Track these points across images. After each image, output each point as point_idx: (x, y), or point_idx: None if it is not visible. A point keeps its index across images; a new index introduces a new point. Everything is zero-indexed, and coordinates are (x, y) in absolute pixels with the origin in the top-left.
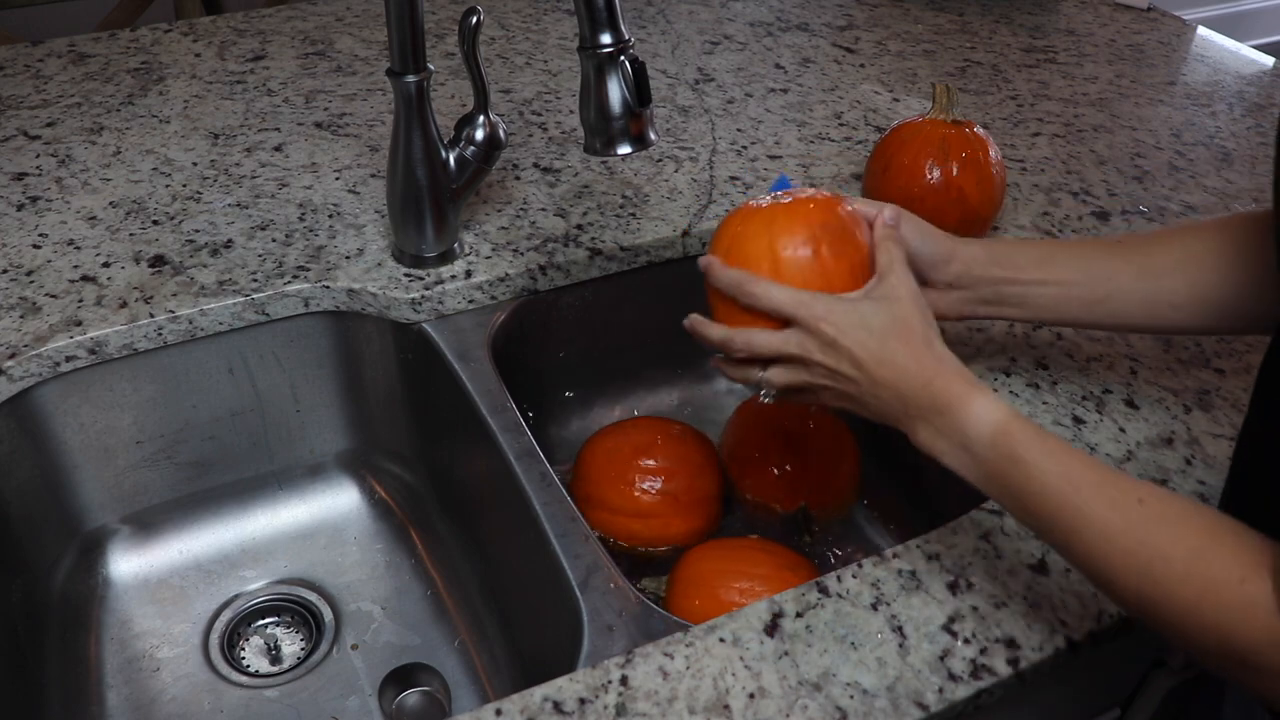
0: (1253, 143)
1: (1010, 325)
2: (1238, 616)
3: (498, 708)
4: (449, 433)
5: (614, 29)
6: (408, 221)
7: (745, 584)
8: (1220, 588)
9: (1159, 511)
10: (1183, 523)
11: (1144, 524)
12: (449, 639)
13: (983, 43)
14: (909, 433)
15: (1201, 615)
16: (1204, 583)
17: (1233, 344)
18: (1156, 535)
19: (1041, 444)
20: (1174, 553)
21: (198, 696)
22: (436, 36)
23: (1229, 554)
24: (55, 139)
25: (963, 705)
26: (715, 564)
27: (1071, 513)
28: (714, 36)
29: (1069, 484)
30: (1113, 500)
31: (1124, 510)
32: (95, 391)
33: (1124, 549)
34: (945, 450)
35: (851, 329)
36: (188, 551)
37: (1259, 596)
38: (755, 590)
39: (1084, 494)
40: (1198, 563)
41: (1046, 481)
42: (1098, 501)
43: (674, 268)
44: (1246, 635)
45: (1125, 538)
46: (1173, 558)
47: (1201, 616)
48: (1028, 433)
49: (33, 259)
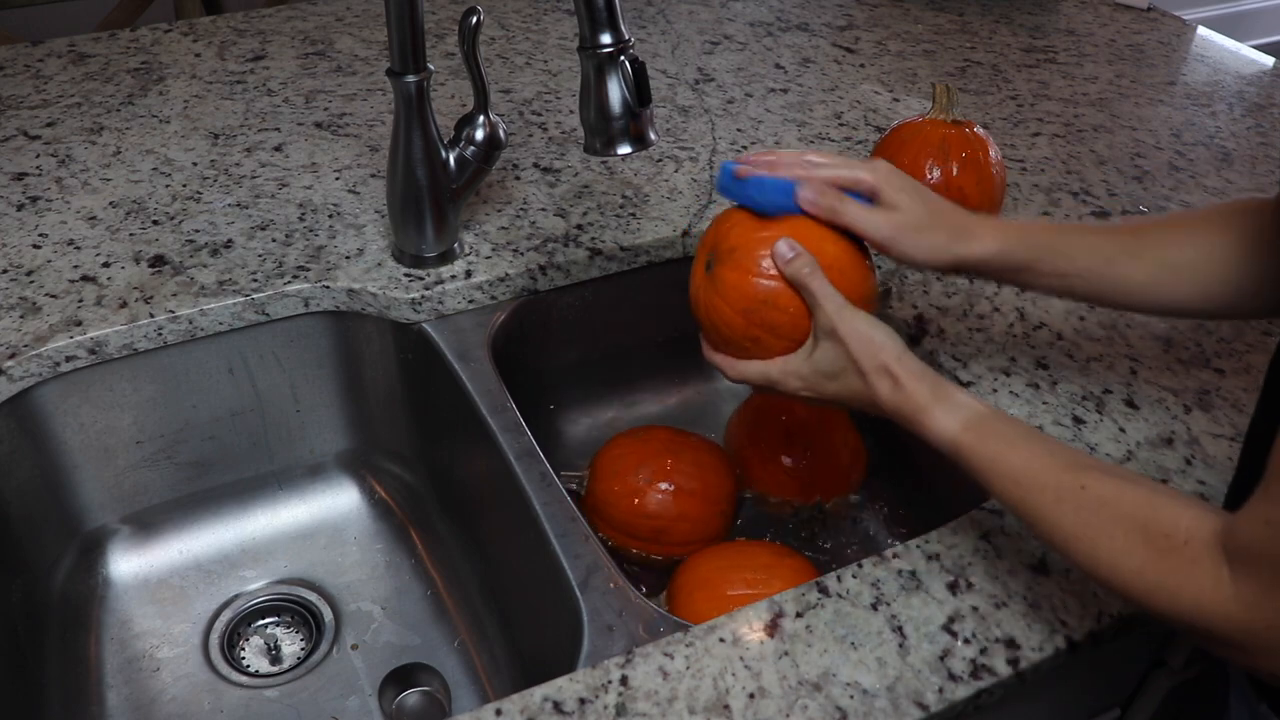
0: (1253, 143)
1: (1010, 325)
2: (1184, 576)
3: (498, 708)
4: (449, 433)
5: (614, 29)
6: (408, 221)
7: (747, 587)
8: (1164, 552)
9: (1100, 494)
10: (1124, 499)
11: (1088, 506)
12: (449, 639)
13: (983, 43)
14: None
15: (1149, 580)
16: (1148, 548)
17: (1233, 344)
18: (1100, 515)
19: (988, 450)
20: (1117, 528)
21: (198, 696)
22: (436, 36)
23: (1170, 519)
24: (55, 139)
25: (963, 705)
26: (718, 565)
27: (1025, 511)
28: (714, 36)
29: (1014, 483)
30: (1057, 494)
31: (1067, 498)
32: (95, 391)
33: (1074, 533)
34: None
35: (817, 386)
36: (188, 551)
37: (1202, 553)
38: (758, 591)
39: (1031, 494)
40: (1140, 534)
41: (1002, 485)
42: (1044, 498)
43: (674, 268)
44: (1193, 595)
45: (1072, 522)
46: (1115, 532)
47: (1149, 581)
48: (974, 444)
49: (33, 259)
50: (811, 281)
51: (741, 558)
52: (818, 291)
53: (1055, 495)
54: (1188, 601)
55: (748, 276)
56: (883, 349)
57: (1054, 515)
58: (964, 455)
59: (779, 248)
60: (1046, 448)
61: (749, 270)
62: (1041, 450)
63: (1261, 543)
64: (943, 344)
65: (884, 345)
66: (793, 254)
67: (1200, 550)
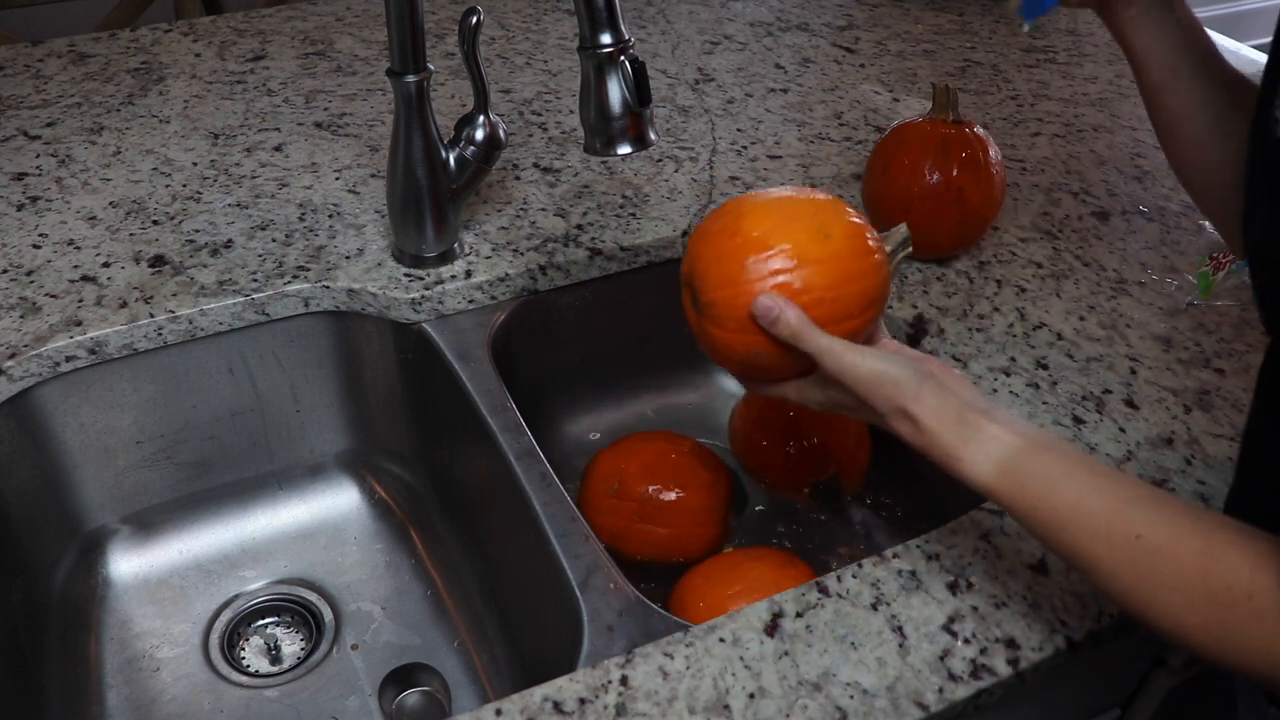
0: None
1: (1010, 325)
2: (1251, 633)
3: (498, 708)
4: (449, 433)
5: (614, 29)
6: (408, 221)
7: (747, 586)
8: (1227, 607)
9: (1156, 545)
10: (1181, 551)
11: (1142, 557)
12: (449, 639)
13: (983, 43)
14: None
15: (1212, 634)
16: (1209, 605)
17: (1233, 344)
18: (1157, 568)
19: (1029, 498)
20: (1177, 583)
21: (198, 696)
22: (436, 36)
23: (1230, 572)
24: (55, 139)
25: (963, 705)
26: (718, 576)
27: (1077, 559)
28: (714, 36)
29: (1063, 532)
30: (1109, 542)
31: (1121, 549)
32: (95, 391)
33: (1131, 587)
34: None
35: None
36: (188, 551)
37: (1265, 607)
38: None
39: (1081, 540)
40: (1199, 589)
41: (1049, 534)
42: (1096, 547)
43: (674, 268)
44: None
45: (1127, 573)
46: (1176, 587)
47: (1213, 635)
48: (1014, 492)
49: (33, 259)
50: (803, 340)
51: (741, 569)
52: (812, 348)
53: (1107, 544)
54: (1259, 656)
55: (733, 335)
56: (897, 390)
57: (1108, 565)
58: (1004, 504)
59: (759, 308)
60: (1094, 485)
61: (732, 329)
62: (1089, 490)
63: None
64: (943, 344)
65: (898, 385)
66: (774, 313)
67: (1266, 603)
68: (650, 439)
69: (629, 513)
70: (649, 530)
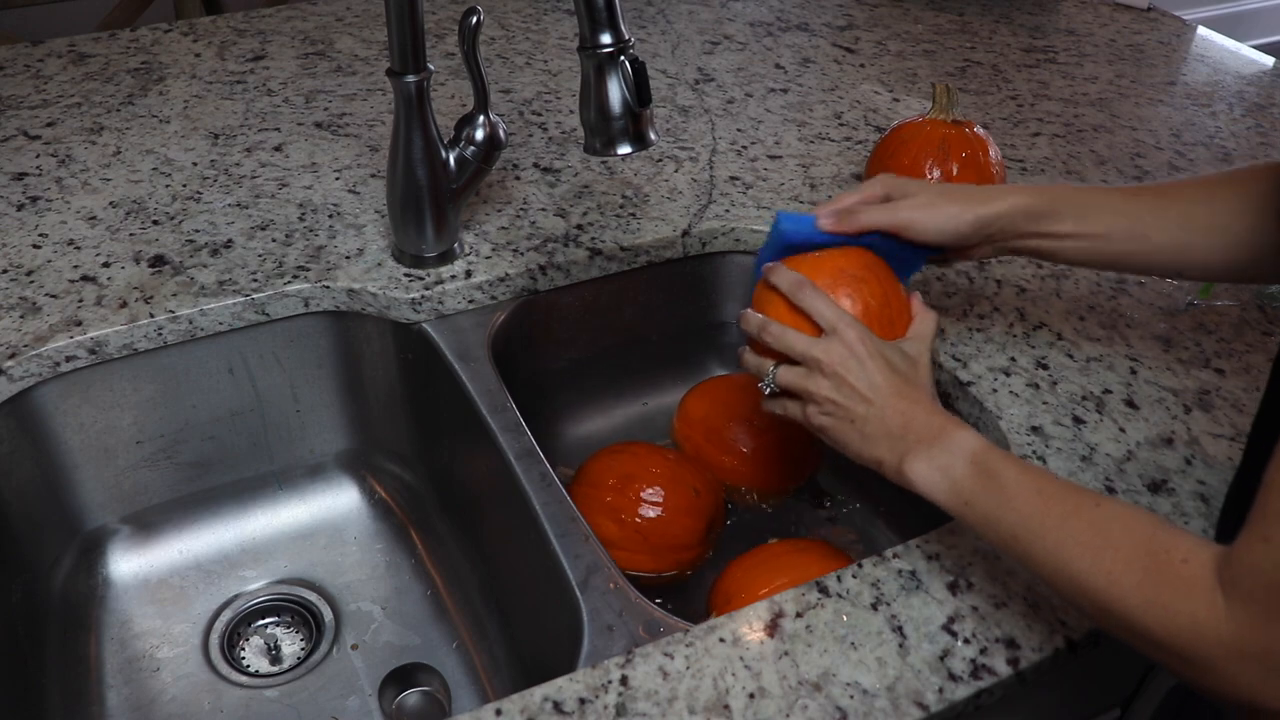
0: (1253, 143)
1: (1010, 325)
2: (1180, 593)
3: (498, 708)
4: (449, 433)
5: (614, 29)
6: (408, 221)
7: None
8: (1163, 567)
9: (1113, 511)
10: (1134, 519)
11: (1100, 520)
12: (449, 639)
13: (983, 43)
14: (895, 462)
15: (1145, 594)
16: (1149, 562)
17: (1232, 344)
18: (1109, 529)
19: (1013, 463)
20: (1124, 540)
21: (198, 696)
22: (436, 36)
23: (1172, 540)
24: (55, 139)
25: (963, 705)
26: (763, 563)
27: (1038, 517)
28: (714, 36)
29: (1036, 493)
30: (1076, 504)
31: (1082, 511)
32: (95, 391)
33: (1081, 543)
34: (931, 479)
35: (879, 357)
36: (188, 551)
37: (1198, 574)
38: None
39: (1049, 502)
40: (1143, 549)
41: (1016, 492)
42: (1061, 505)
43: (674, 268)
44: (1189, 613)
45: (1082, 533)
46: (1122, 544)
47: (1145, 595)
48: (1000, 454)
49: (33, 259)
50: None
51: (785, 560)
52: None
53: (1073, 505)
54: (1183, 620)
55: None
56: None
57: (1062, 521)
58: (988, 460)
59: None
60: (1052, 477)
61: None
62: (1053, 475)
63: (1257, 567)
64: (943, 344)
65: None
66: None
67: (1198, 571)
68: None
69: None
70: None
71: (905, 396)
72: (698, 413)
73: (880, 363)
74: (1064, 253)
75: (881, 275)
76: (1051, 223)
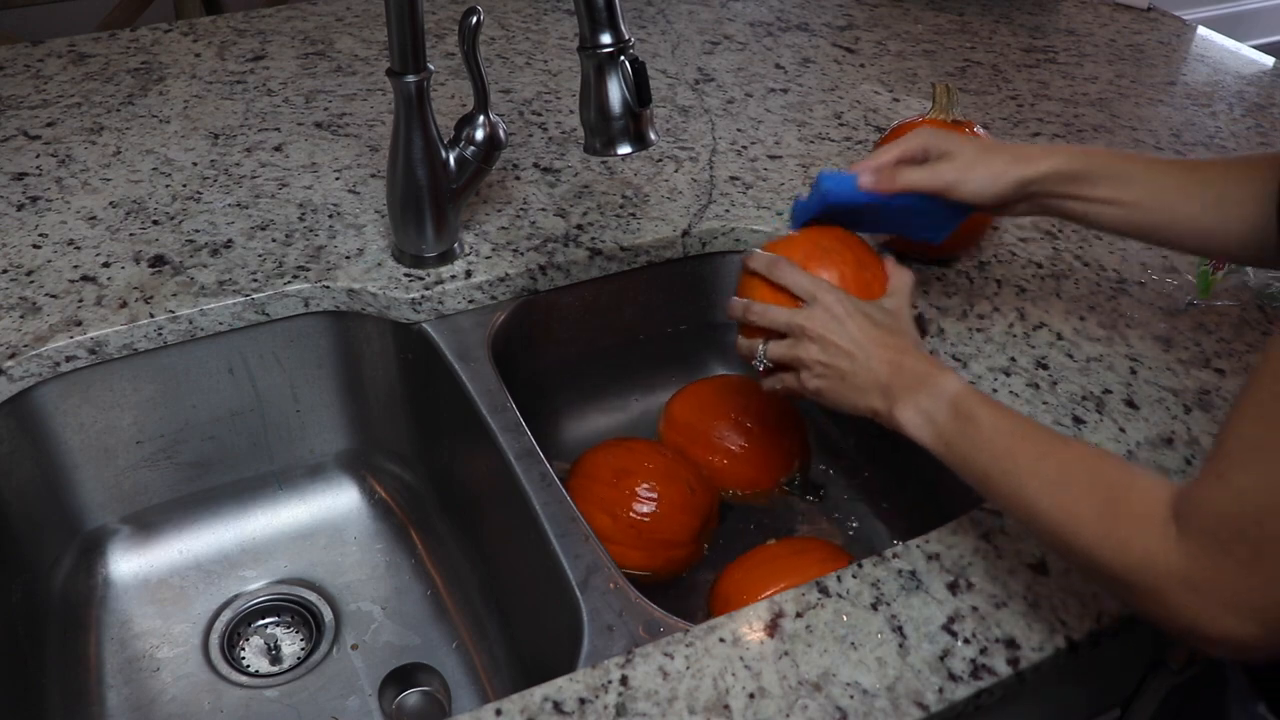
0: (1253, 142)
1: (1010, 325)
2: (1136, 527)
3: (498, 708)
4: (449, 433)
5: (614, 29)
6: (408, 221)
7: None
8: (1121, 502)
9: (1081, 452)
10: (1099, 459)
11: (1067, 461)
12: (449, 639)
13: (983, 43)
14: (886, 409)
15: (1102, 527)
16: (1107, 496)
17: (1232, 344)
18: (1075, 468)
19: (991, 406)
20: (1086, 479)
21: (198, 696)
22: (436, 36)
23: (1132, 478)
24: (55, 139)
25: (963, 705)
26: (762, 564)
27: (1009, 458)
28: (714, 36)
29: (1009, 435)
30: (1048, 446)
31: (1052, 453)
32: (95, 391)
33: (1048, 482)
34: (916, 423)
35: (858, 314)
36: (188, 551)
37: (1154, 511)
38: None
39: (1021, 443)
40: (1103, 486)
41: (991, 435)
42: (1033, 447)
43: (674, 268)
44: (1142, 545)
45: (1049, 472)
46: (1084, 482)
47: (1102, 528)
48: (980, 398)
49: (33, 259)
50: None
51: (785, 561)
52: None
53: (1046, 441)
54: (1137, 552)
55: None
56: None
57: (1035, 456)
58: (968, 403)
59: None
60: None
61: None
62: (1031, 419)
63: (1210, 502)
64: (943, 344)
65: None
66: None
67: (1154, 506)
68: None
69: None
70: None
71: (889, 347)
72: (682, 416)
73: (860, 319)
74: (1095, 217)
75: (854, 245)
76: (1087, 187)
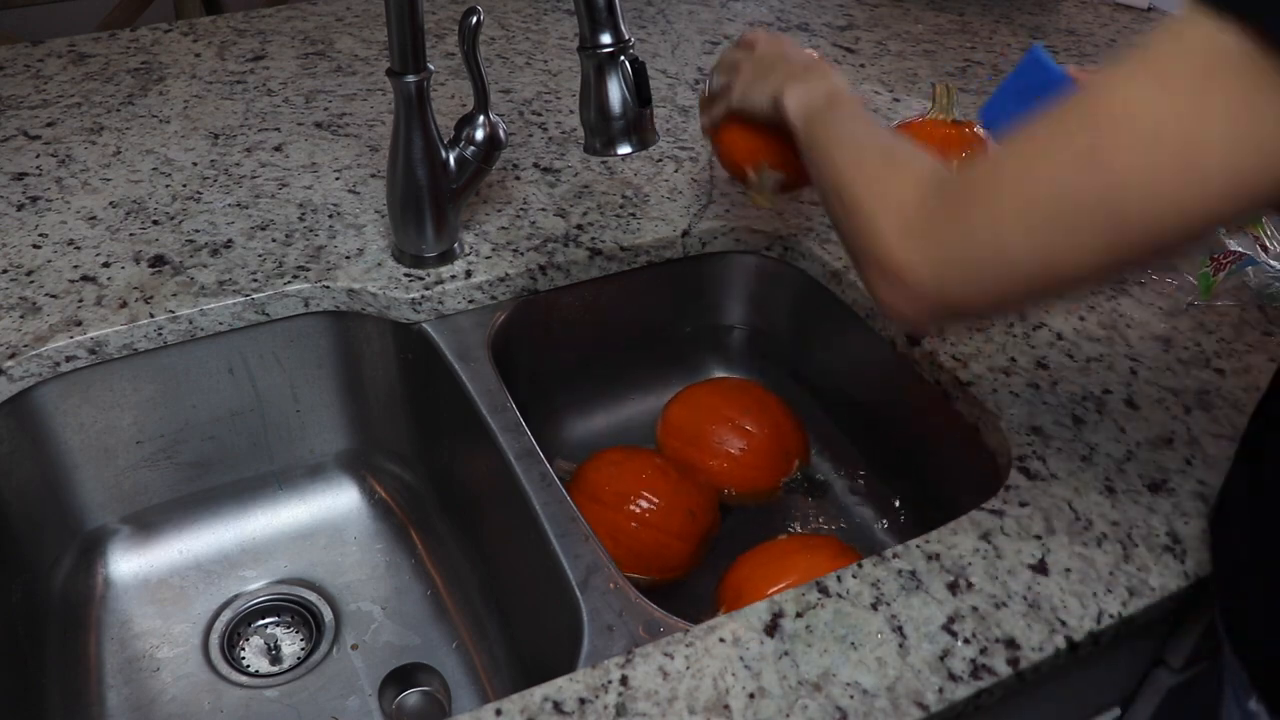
0: None
1: (1010, 325)
2: (899, 179)
3: (498, 708)
4: (449, 433)
5: (614, 29)
6: (408, 221)
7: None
8: (902, 165)
9: (903, 143)
10: (913, 147)
11: (887, 147)
12: (449, 639)
13: (983, 43)
14: (780, 93)
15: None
16: (892, 159)
17: (1233, 344)
18: (891, 150)
19: (860, 109)
20: (891, 155)
21: (198, 696)
22: (436, 36)
23: (924, 154)
24: (55, 139)
25: (963, 705)
26: (771, 559)
27: (846, 141)
28: (714, 36)
29: (854, 119)
30: (886, 142)
31: (880, 142)
32: (95, 391)
33: (863, 160)
34: (793, 107)
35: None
36: (188, 551)
37: (924, 172)
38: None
39: (863, 134)
40: (897, 155)
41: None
42: (871, 139)
43: (674, 268)
44: (897, 193)
45: (868, 152)
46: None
47: (874, 178)
48: (856, 101)
49: (33, 259)
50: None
51: (795, 558)
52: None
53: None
54: (891, 197)
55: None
56: None
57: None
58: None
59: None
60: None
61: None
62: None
63: (968, 167)
64: (943, 344)
65: None
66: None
67: (925, 171)
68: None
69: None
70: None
71: (790, 45)
72: (680, 421)
73: (775, 37)
74: None
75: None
76: None
